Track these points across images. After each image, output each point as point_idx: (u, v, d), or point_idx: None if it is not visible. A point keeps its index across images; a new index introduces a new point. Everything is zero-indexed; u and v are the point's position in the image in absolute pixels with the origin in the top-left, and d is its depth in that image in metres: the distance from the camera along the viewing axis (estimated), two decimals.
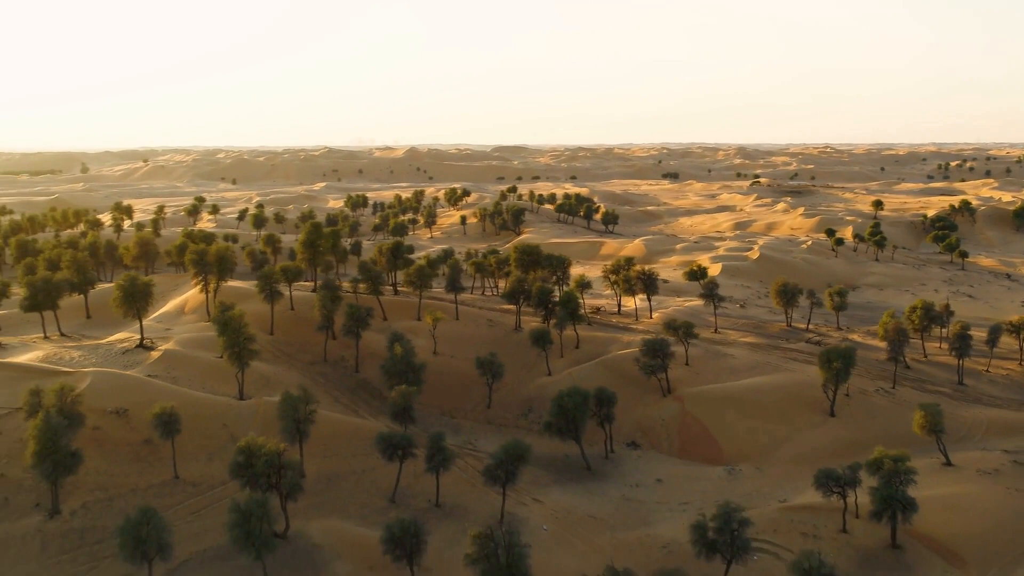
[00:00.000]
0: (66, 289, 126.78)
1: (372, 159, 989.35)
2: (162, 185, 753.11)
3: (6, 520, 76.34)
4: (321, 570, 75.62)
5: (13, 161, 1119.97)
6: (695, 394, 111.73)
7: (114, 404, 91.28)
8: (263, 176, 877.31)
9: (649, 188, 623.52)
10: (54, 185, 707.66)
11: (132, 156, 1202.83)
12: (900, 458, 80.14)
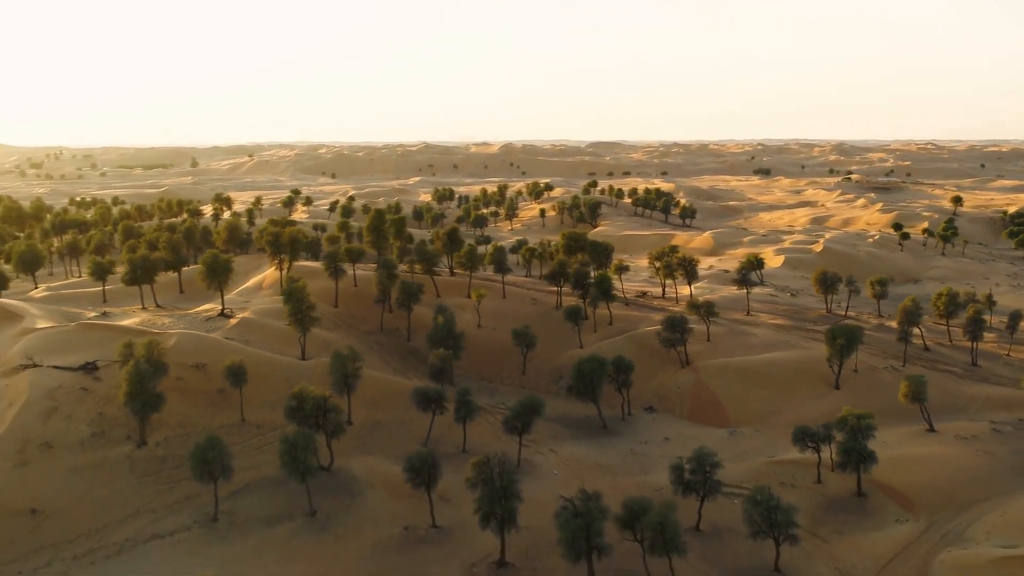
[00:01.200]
0: (161, 267, 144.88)
1: (467, 154, 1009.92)
2: (265, 179, 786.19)
3: (103, 448, 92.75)
4: (357, 496, 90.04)
5: (128, 156, 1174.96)
6: (709, 366, 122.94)
7: (194, 359, 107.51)
8: (361, 171, 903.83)
9: (738, 184, 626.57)
10: (165, 179, 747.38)
11: (239, 151, 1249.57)
12: (863, 416, 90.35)
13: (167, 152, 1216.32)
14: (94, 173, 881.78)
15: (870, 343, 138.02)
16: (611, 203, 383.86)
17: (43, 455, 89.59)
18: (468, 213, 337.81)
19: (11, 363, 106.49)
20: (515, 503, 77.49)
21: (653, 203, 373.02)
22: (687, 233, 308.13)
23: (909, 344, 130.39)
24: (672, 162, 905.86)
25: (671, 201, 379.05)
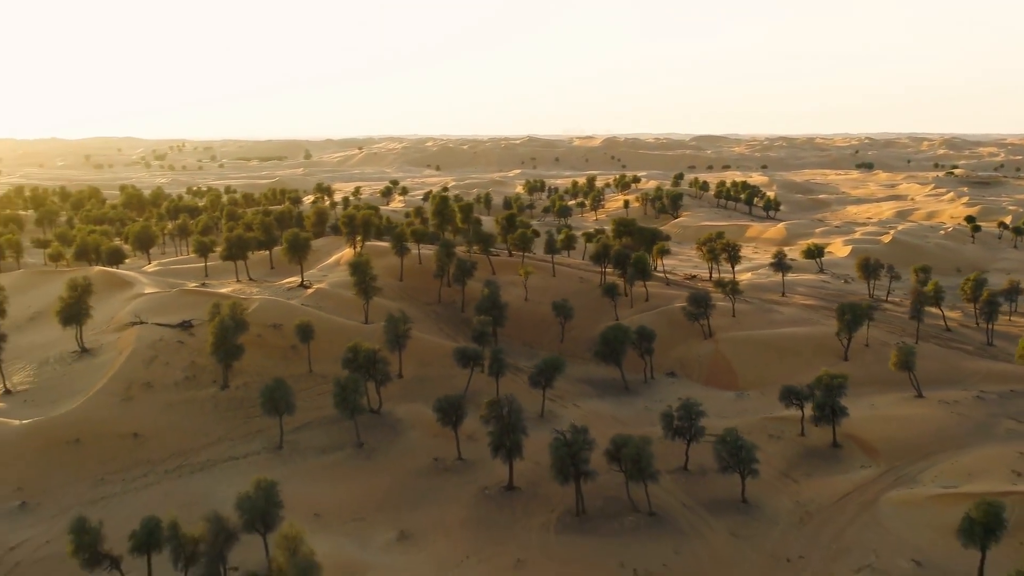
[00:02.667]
0: (254, 245, 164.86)
1: (570, 147, 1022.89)
2: (373, 171, 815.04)
3: (193, 389, 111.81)
4: (399, 434, 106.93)
5: (246, 148, 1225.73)
6: (728, 338, 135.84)
7: (272, 320, 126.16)
8: (465, 163, 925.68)
9: (836, 178, 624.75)
10: (278, 170, 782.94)
11: (350, 144, 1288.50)
12: (837, 376, 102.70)
13: (282, 145, 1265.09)
14: (213, 164, 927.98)
15: (890, 323, 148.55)
16: (695, 195, 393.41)
17: (144, 393, 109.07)
18: (553, 203, 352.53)
19: (123, 321, 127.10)
20: (520, 436, 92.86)
21: (737, 195, 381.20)
22: (763, 224, 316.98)
23: (922, 323, 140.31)
24: (774, 156, 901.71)
25: (755, 193, 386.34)
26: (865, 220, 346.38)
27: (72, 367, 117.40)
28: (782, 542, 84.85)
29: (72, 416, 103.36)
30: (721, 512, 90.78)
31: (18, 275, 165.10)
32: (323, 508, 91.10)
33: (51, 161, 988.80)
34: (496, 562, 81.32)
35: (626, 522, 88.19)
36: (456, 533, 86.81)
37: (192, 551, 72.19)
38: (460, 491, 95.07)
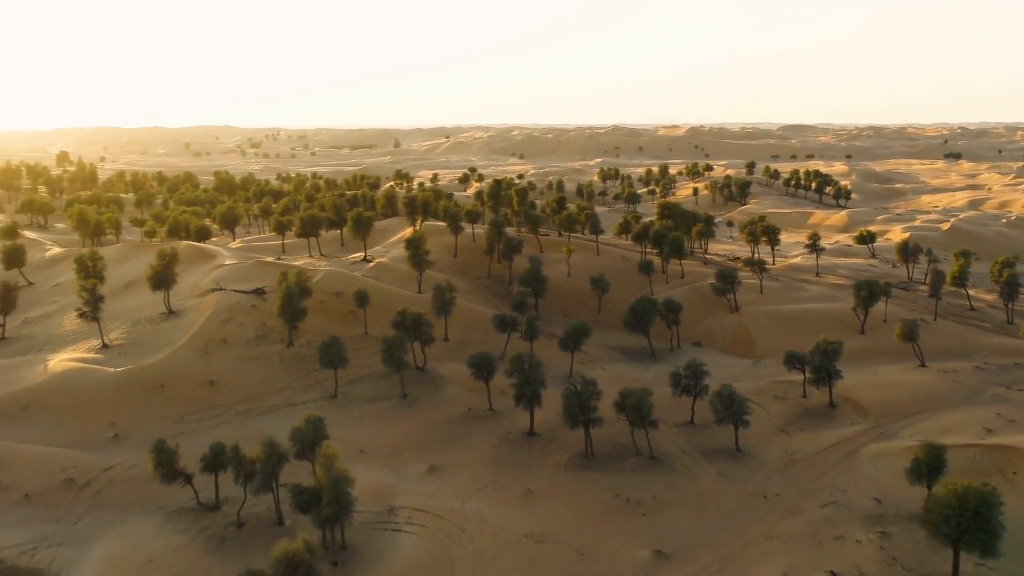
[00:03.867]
0: (325, 224, 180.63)
1: (654, 137, 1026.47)
2: (458, 159, 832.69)
3: (262, 346, 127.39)
4: (439, 387, 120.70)
5: (338, 136, 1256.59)
6: (752, 311, 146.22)
7: (334, 289, 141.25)
8: (549, 152, 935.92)
9: (919, 168, 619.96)
10: (367, 158, 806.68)
11: (439, 133, 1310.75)
12: (832, 342, 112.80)
13: (374, 133, 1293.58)
14: (305, 152, 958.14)
15: (916, 302, 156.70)
16: (765, 184, 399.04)
17: (221, 348, 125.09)
18: (623, 191, 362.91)
19: (204, 287, 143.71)
20: (539, 388, 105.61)
21: (807, 184, 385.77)
22: (826, 211, 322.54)
23: (940, 301, 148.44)
24: (860, 146, 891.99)
25: (826, 182, 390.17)
26: (930, 208, 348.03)
27: (160, 326, 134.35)
28: (764, 482, 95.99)
29: (158, 366, 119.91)
30: (715, 458, 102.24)
31: (116, 248, 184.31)
32: (367, 446, 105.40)
33: (153, 148, 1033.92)
34: (508, 491, 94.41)
35: (628, 463, 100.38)
36: (478, 468, 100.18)
37: (250, 470, 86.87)
38: (487, 435, 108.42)
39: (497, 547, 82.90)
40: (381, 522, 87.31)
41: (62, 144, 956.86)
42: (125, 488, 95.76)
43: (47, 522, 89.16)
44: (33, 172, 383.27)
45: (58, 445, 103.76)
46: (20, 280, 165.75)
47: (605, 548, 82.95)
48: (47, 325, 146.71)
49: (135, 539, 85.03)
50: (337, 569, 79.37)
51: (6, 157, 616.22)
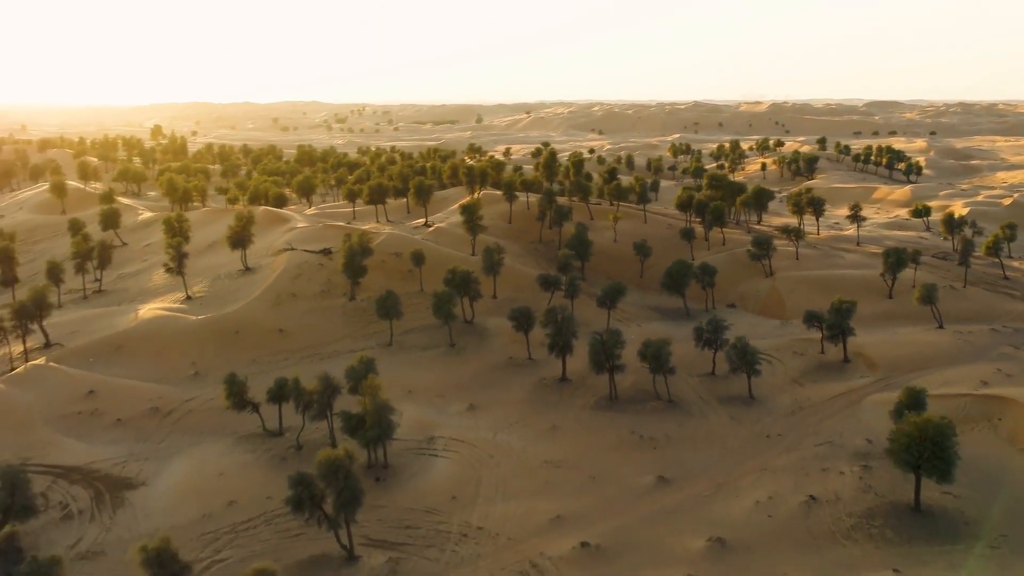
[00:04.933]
0: (392, 193, 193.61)
1: (734, 112, 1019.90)
2: (537, 134, 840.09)
3: (327, 299, 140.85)
4: (485, 339, 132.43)
5: (421, 112, 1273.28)
6: (785, 276, 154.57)
7: (394, 250, 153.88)
8: (628, 128, 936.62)
9: (1004, 144, 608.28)
10: (448, 133, 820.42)
11: (521, 109, 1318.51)
12: (847, 302, 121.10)
13: (457, 109, 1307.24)
14: (389, 128, 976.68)
15: (951, 270, 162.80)
16: (835, 159, 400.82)
17: (290, 300, 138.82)
18: (691, 165, 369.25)
19: (278, 247, 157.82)
20: (570, 338, 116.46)
21: (877, 160, 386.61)
22: (890, 187, 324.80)
23: (969, 268, 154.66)
24: (945, 122, 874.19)
25: (898, 158, 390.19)
26: (1000, 184, 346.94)
27: (237, 280, 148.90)
28: (770, 425, 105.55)
29: (234, 315, 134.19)
30: (729, 403, 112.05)
31: (201, 213, 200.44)
32: (415, 387, 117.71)
33: (242, 124, 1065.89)
34: (536, 427, 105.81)
35: (647, 406, 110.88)
36: (512, 407, 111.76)
37: (308, 400, 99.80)
38: (523, 380, 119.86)
39: (519, 470, 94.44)
40: (421, 448, 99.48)
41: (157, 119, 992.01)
42: (202, 417, 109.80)
43: (135, 442, 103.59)
44: (128, 144, 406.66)
45: (146, 380, 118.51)
46: (116, 240, 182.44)
47: (615, 474, 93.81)
48: (138, 280, 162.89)
49: (209, 457, 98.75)
50: (379, 484, 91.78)
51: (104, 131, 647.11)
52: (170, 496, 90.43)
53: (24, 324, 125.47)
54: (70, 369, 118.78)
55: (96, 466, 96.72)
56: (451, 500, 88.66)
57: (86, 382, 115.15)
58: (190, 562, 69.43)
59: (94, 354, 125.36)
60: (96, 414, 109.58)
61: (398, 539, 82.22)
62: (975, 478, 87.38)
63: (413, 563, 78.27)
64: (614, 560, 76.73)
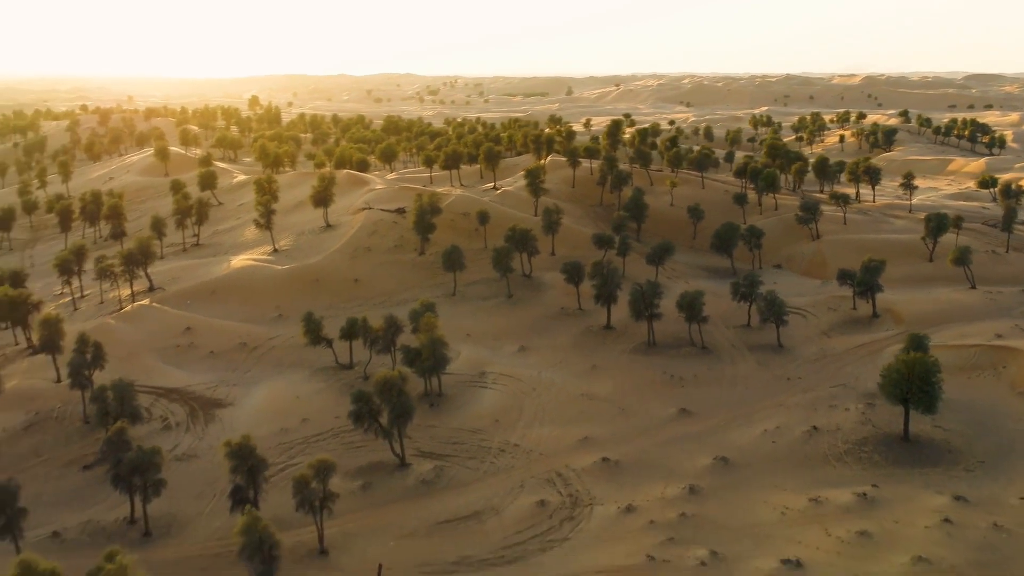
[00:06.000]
0: (465, 158, 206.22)
1: (826, 85, 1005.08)
2: (625, 107, 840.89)
3: (399, 254, 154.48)
4: (540, 291, 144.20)
5: (512, 84, 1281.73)
6: (831, 240, 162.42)
7: (462, 210, 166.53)
8: (717, 100, 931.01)
9: None
10: (537, 105, 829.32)
11: (612, 81, 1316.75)
12: (877, 260, 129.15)
13: (548, 81, 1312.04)
14: (479, 100, 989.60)
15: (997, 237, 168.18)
16: (916, 132, 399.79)
17: (365, 254, 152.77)
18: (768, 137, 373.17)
19: (357, 207, 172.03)
20: (615, 289, 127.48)
21: (960, 132, 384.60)
22: (964, 158, 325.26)
23: (1012, 234, 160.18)
24: None
25: (981, 130, 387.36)
26: None
27: (319, 236, 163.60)
28: (793, 370, 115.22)
29: (315, 265, 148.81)
30: (758, 351, 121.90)
31: (290, 176, 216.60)
32: (473, 331, 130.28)
33: (338, 95, 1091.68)
34: (578, 366, 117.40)
35: (682, 351, 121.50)
36: (558, 350, 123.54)
37: (375, 337, 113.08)
38: (572, 327, 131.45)
39: (558, 401, 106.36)
40: (473, 382, 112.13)
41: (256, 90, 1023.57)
42: (283, 352, 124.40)
43: (225, 371, 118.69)
44: (227, 114, 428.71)
45: (236, 320, 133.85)
46: (212, 200, 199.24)
47: (643, 407, 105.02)
48: (232, 235, 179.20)
49: (288, 384, 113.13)
50: (433, 409, 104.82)
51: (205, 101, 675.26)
52: (253, 414, 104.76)
53: (132, 270, 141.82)
54: (171, 309, 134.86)
55: (192, 389, 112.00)
56: (494, 423, 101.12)
57: (184, 320, 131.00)
58: (267, 459, 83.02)
59: (191, 297, 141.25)
60: (192, 347, 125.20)
61: (445, 452, 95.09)
62: (969, 417, 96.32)
63: (456, 470, 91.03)
64: (628, 472, 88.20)
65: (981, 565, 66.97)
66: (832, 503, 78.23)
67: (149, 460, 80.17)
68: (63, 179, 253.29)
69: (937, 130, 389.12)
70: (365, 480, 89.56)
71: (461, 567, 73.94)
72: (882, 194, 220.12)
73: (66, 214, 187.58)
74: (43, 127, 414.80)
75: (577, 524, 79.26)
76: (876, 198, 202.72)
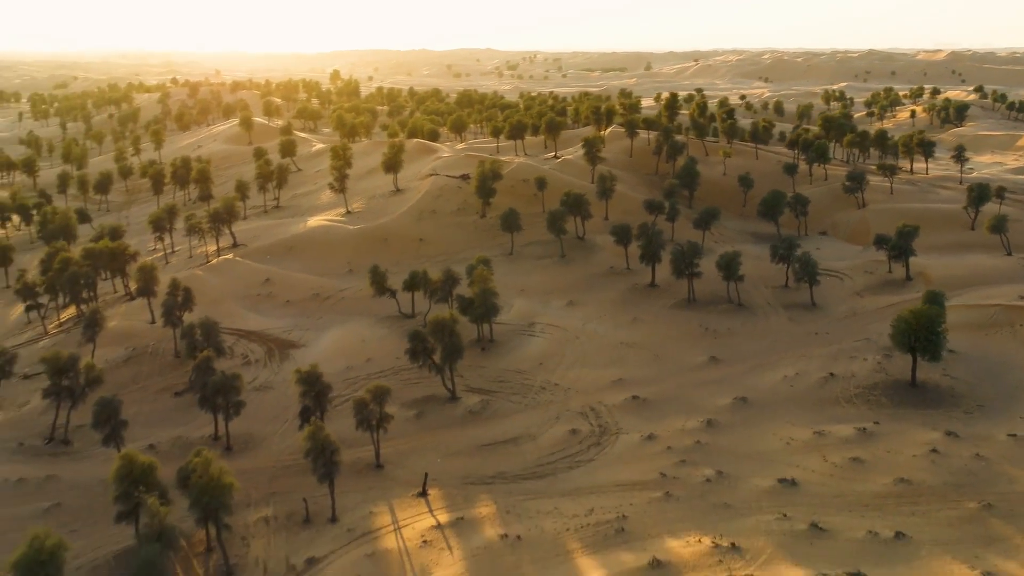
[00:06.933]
0: (529, 129, 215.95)
1: (909, 61, 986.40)
2: (703, 82, 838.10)
3: (462, 216, 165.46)
4: (592, 252, 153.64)
5: (591, 60, 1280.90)
6: (876, 208, 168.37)
7: (523, 176, 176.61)
8: (797, 76, 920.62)
9: None
10: (613, 80, 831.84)
11: (691, 57, 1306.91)
12: (911, 225, 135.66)
13: (626, 57, 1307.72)
14: (557, 75, 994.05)
15: None
16: (990, 108, 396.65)
17: (430, 216, 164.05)
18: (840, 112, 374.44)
19: (424, 173, 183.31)
20: (659, 250, 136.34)
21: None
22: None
23: None
24: None
25: None
26: None
27: (388, 199, 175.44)
28: (821, 325, 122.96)
29: (384, 226, 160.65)
30: (792, 309, 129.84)
31: (364, 144, 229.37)
32: (527, 287, 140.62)
33: (418, 70, 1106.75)
34: (620, 319, 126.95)
35: (719, 307, 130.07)
36: (604, 304, 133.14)
37: (434, 288, 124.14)
38: (619, 285, 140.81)
39: (598, 348, 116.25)
40: (523, 331, 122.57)
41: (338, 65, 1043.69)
42: (352, 303, 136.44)
43: (299, 317, 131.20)
44: (308, 87, 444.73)
45: (310, 274, 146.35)
46: (292, 167, 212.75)
47: (675, 354, 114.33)
48: (309, 198, 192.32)
49: (355, 329, 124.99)
50: (483, 352, 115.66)
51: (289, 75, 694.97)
52: (323, 353, 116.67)
53: (218, 228, 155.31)
54: (252, 263, 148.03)
55: (269, 332, 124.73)
56: (538, 366, 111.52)
57: (264, 272, 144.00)
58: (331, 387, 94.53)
59: (271, 253, 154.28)
60: (270, 296, 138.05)
61: (491, 388, 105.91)
62: (979, 367, 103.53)
63: (500, 404, 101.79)
64: (654, 408, 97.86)
65: (956, 486, 75.14)
66: (834, 435, 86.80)
67: (231, 384, 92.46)
68: (155, 147, 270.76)
69: (1011, 106, 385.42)
70: (419, 410, 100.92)
71: (498, 480, 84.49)
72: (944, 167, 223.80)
73: (158, 178, 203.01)
74: (136, 99, 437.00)
75: (603, 449, 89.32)
76: (929, 170, 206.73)
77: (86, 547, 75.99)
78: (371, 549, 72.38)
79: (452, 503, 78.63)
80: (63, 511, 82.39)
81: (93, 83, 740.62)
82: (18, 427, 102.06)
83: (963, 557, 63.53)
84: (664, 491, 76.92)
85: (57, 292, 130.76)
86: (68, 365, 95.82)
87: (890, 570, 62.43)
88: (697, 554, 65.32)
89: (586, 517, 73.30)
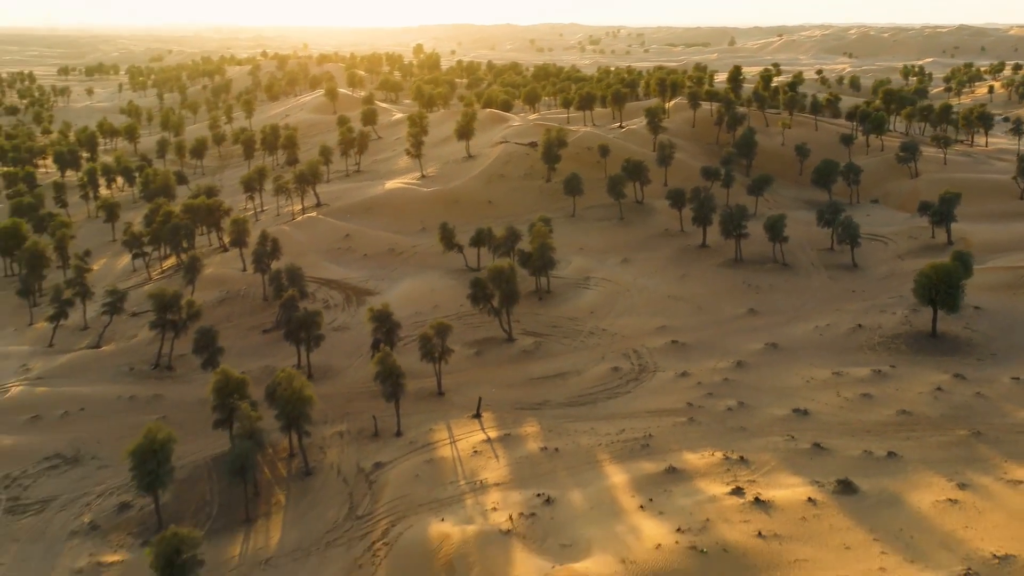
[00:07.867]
0: (598, 102, 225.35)
1: (1001, 37, 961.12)
2: (786, 57, 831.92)
3: (528, 180, 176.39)
4: (649, 215, 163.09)
5: (675, 34, 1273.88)
6: (928, 178, 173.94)
7: (587, 144, 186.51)
8: (883, 51, 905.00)
9: None
10: (695, 55, 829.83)
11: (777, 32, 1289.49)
12: (951, 191, 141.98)
13: (710, 31, 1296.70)
14: (639, 49, 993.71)
15: None
16: None
17: (498, 180, 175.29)
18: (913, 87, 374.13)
19: (495, 141, 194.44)
20: (710, 212, 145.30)
21: None
22: None
23: None
24: None
25: None
26: None
27: (461, 164, 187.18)
28: (859, 283, 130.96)
29: (455, 189, 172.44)
30: (833, 269, 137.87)
31: (440, 114, 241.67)
32: (585, 246, 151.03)
33: (501, 44, 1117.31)
34: (670, 275, 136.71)
35: (765, 266, 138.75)
36: (655, 262, 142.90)
37: (498, 243, 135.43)
38: (672, 245, 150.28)
39: (646, 300, 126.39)
40: (578, 284, 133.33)
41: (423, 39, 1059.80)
42: (423, 258, 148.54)
43: (375, 269, 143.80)
44: (391, 60, 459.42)
45: (386, 231, 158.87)
46: (373, 134, 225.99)
47: (718, 306, 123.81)
48: (387, 163, 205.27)
49: (425, 280, 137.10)
50: (540, 302, 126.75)
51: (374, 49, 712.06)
52: (395, 300, 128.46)
53: (303, 188, 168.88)
54: (334, 220, 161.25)
55: (347, 281, 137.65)
56: (590, 314, 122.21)
57: (344, 229, 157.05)
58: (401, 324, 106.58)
59: (351, 212, 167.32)
60: (350, 250, 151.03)
61: (545, 332, 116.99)
62: (1000, 323, 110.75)
63: (551, 345, 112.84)
64: (691, 352, 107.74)
65: (952, 418, 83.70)
66: (851, 376, 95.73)
67: (312, 319, 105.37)
68: (246, 116, 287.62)
69: None
70: (478, 349, 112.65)
71: (544, 407, 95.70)
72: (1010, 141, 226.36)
73: (249, 144, 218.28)
74: (228, 71, 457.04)
75: (640, 383, 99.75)
76: (989, 143, 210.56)
77: (187, 452, 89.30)
78: (429, 456, 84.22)
79: (502, 423, 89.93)
80: (168, 423, 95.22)
81: (187, 56, 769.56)
82: (129, 355, 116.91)
83: (944, 472, 72.20)
84: (689, 417, 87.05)
85: (160, 243, 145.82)
86: (172, 301, 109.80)
87: (876, 481, 71.46)
88: (709, 464, 75.41)
89: (617, 435, 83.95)
